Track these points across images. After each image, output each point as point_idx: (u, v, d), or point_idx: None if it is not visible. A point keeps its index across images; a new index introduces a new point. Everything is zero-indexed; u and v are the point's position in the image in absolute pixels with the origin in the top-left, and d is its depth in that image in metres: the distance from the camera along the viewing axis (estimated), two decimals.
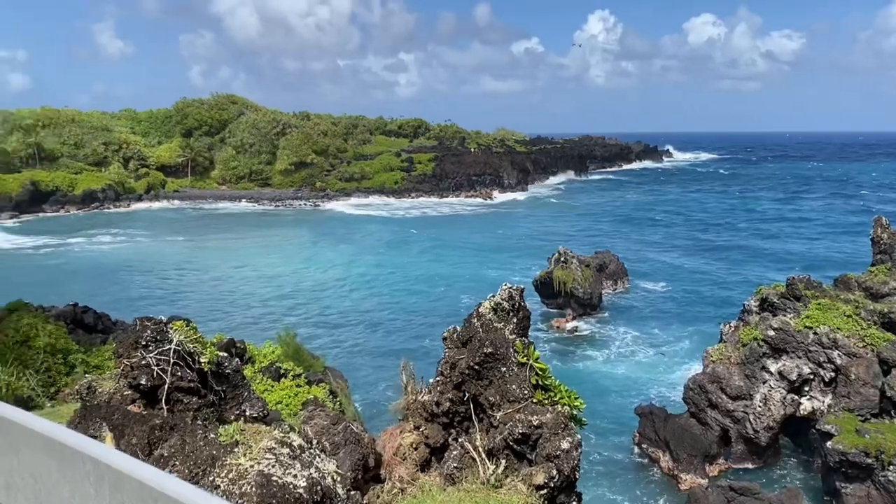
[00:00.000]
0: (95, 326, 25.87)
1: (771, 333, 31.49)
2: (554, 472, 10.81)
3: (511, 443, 11.23)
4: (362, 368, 43.31)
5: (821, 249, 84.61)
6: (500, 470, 11.05)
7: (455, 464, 11.63)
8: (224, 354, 11.65)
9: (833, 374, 30.23)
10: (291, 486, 8.03)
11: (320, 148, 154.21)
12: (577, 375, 41.44)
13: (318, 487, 8.33)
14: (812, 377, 30.59)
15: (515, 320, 12.65)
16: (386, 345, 49.19)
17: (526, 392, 11.54)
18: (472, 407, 12.09)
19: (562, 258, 55.48)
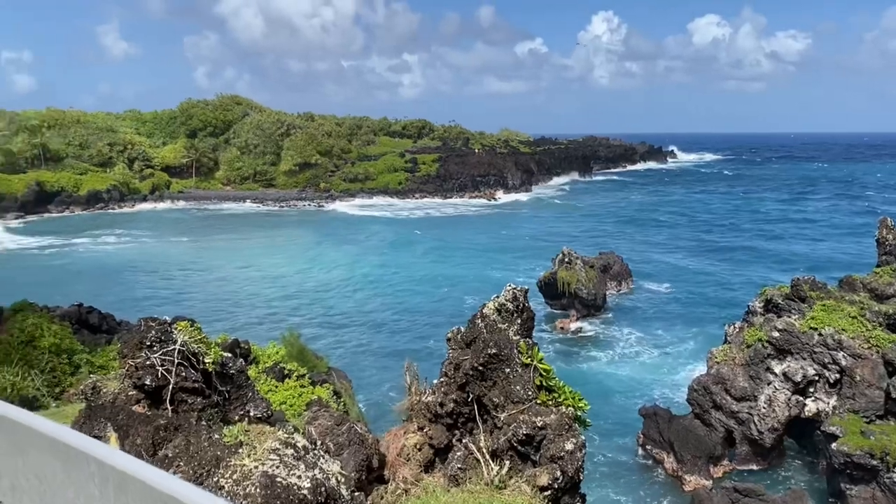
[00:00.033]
0: (100, 327, 25.93)
1: (775, 335, 31.42)
2: (558, 474, 10.79)
3: (515, 444, 11.22)
4: (366, 369, 43.34)
5: (825, 250, 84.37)
6: (504, 471, 11.04)
7: (459, 465, 11.62)
8: (228, 355, 11.68)
9: (838, 376, 30.15)
10: (295, 487, 8.04)
11: (324, 149, 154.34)
12: (581, 376, 41.39)
13: (323, 488, 8.33)
14: (817, 378, 30.51)
15: (519, 321, 12.64)
16: (390, 345, 49.22)
17: (530, 393, 11.53)
18: (476, 408, 12.08)
19: (566, 259, 55.46)
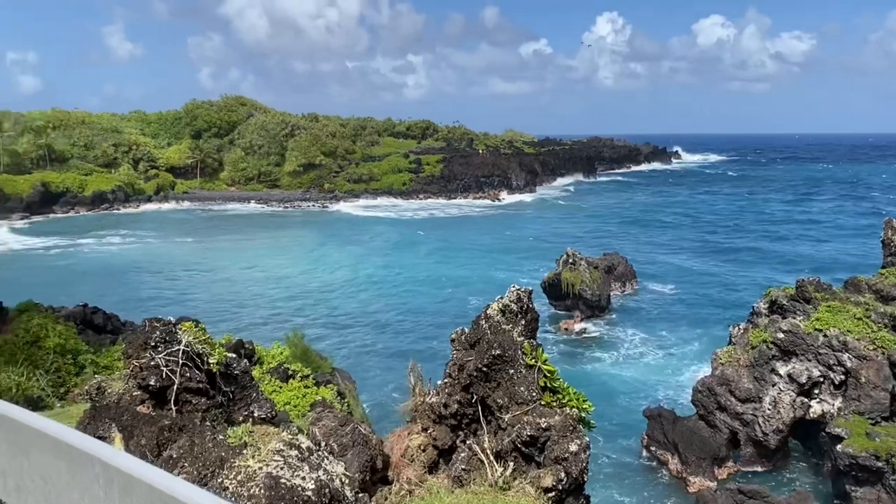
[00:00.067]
0: (105, 327, 26.01)
1: (780, 336, 31.33)
2: (562, 475, 10.78)
3: (519, 445, 11.21)
4: (370, 370, 43.34)
5: (830, 251, 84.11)
6: (508, 472, 11.03)
7: (463, 466, 11.61)
8: (232, 355, 11.69)
9: (843, 377, 30.05)
10: (300, 489, 8.04)
11: (329, 149, 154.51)
12: (586, 377, 41.34)
13: (327, 490, 8.33)
14: (822, 380, 30.41)
15: (524, 322, 12.62)
16: (394, 346, 49.21)
17: (534, 394, 11.51)
18: (480, 409, 12.07)
19: (570, 260, 55.39)
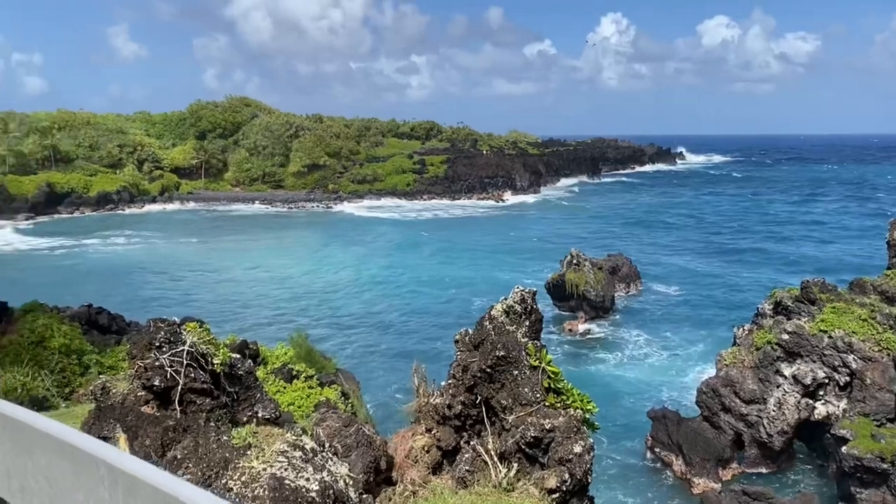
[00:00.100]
0: (110, 327, 26.07)
1: (785, 337, 31.26)
2: (566, 476, 10.76)
3: (523, 446, 11.20)
4: (374, 370, 43.35)
5: (835, 252, 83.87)
6: (512, 473, 11.01)
7: (467, 467, 11.60)
8: (237, 356, 11.70)
9: (848, 379, 29.97)
10: (304, 490, 8.04)
11: (333, 150, 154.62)
12: (590, 378, 41.29)
13: (331, 491, 8.33)
14: (827, 381, 30.33)
15: (528, 323, 12.61)
16: (397, 346, 49.22)
17: (538, 395, 11.50)
18: (485, 410, 12.06)
19: (574, 261, 55.34)
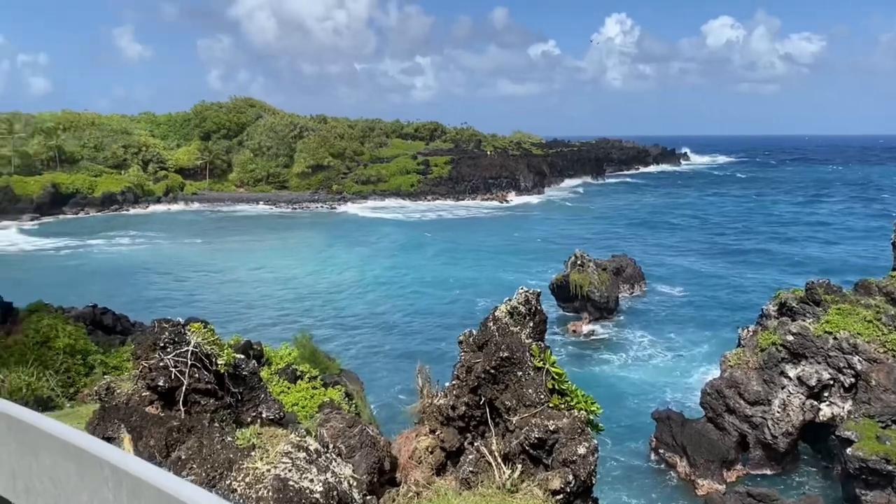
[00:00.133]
0: (114, 327, 26.11)
1: (790, 338, 31.18)
2: (570, 478, 10.75)
3: (527, 447, 11.19)
4: (378, 371, 43.36)
5: (840, 253, 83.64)
6: (516, 474, 11.00)
7: (471, 468, 11.60)
8: (241, 356, 11.71)
9: (853, 380, 29.88)
10: (308, 491, 8.04)
11: (337, 151, 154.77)
12: (594, 380, 41.24)
13: (335, 492, 8.33)
14: (832, 383, 30.24)
15: (532, 324, 12.60)
16: (401, 347, 49.22)
17: (542, 396, 11.48)
18: (488, 411, 12.05)
19: (578, 261, 55.28)
